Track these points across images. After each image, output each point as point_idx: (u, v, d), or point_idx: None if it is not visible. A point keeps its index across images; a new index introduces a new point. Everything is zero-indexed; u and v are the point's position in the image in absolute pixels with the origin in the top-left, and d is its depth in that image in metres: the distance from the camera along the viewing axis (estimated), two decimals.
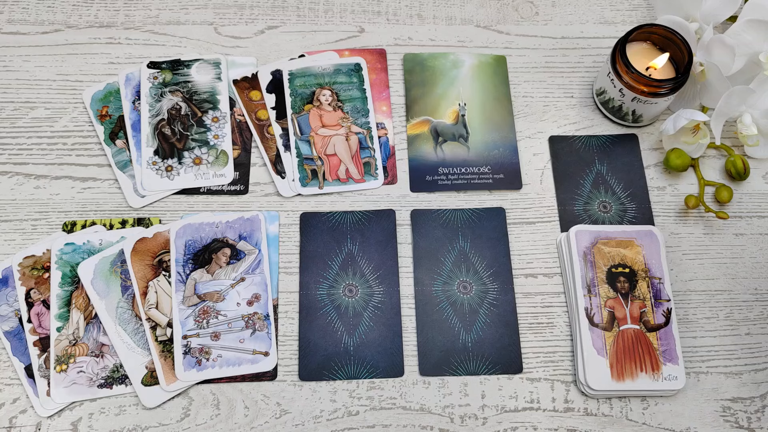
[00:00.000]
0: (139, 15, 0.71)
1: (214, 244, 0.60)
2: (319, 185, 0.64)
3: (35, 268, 0.59)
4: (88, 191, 0.63)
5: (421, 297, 0.60)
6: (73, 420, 0.55)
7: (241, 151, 0.65)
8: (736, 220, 0.64)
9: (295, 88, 0.67)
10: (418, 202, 0.64)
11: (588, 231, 0.60)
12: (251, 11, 0.72)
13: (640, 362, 0.56)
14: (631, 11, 0.73)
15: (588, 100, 0.69)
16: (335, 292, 0.60)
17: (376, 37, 0.71)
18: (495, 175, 0.65)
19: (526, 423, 0.56)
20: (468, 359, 0.58)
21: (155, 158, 0.64)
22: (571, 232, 0.60)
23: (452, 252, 0.61)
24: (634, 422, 0.56)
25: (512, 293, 0.60)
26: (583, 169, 0.65)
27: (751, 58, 0.63)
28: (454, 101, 0.68)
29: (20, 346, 0.57)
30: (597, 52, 0.71)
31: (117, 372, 0.56)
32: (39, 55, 0.69)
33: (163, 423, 0.55)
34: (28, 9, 0.71)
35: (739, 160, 0.64)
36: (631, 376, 0.56)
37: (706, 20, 0.64)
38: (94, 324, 0.58)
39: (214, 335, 0.57)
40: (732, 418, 0.57)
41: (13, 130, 0.66)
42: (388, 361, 0.58)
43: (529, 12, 0.73)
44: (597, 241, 0.59)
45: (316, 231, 0.62)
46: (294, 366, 0.58)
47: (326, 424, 0.56)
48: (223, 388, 0.57)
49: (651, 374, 0.56)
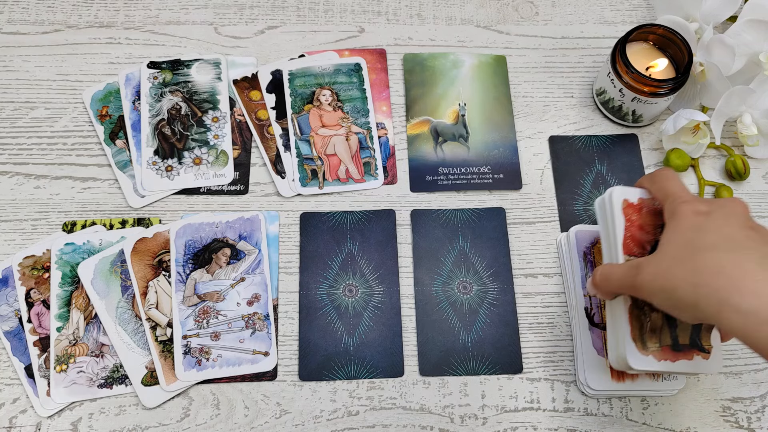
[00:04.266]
0: (139, 15, 0.71)
1: (214, 244, 0.60)
2: (319, 185, 0.64)
3: (35, 268, 0.59)
4: (88, 191, 0.63)
5: (421, 297, 0.60)
6: (73, 420, 0.55)
7: (241, 151, 0.65)
8: None
9: (295, 88, 0.67)
10: (418, 202, 0.64)
11: (588, 231, 0.60)
12: (251, 11, 0.72)
13: None
14: (631, 11, 0.73)
15: (588, 100, 0.69)
16: (335, 292, 0.60)
17: (376, 37, 0.71)
18: (495, 175, 0.65)
19: (526, 423, 0.56)
20: (468, 359, 0.58)
21: (155, 158, 0.64)
22: (571, 232, 0.60)
23: (452, 252, 0.61)
24: (634, 422, 0.56)
25: (512, 293, 0.60)
26: (583, 169, 0.65)
27: (751, 58, 0.63)
28: (454, 101, 0.68)
29: (20, 346, 0.57)
30: (597, 52, 0.71)
31: (117, 372, 0.57)
32: (39, 55, 0.69)
33: (163, 423, 0.55)
34: (28, 9, 0.71)
35: (739, 160, 0.64)
36: (631, 377, 0.56)
37: (706, 20, 0.64)
38: (94, 324, 0.58)
39: (214, 335, 0.57)
40: (732, 418, 0.57)
41: (13, 130, 0.66)
42: (388, 361, 0.58)
43: (529, 12, 0.73)
44: (597, 241, 0.59)
45: (316, 231, 0.62)
46: (294, 366, 0.58)
47: (326, 424, 0.56)
48: (223, 388, 0.57)
49: (651, 374, 0.56)
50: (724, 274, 0.42)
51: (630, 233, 0.51)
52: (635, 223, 0.51)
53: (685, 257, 0.44)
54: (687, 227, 0.46)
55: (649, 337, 0.51)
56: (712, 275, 0.42)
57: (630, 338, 0.50)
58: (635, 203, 0.52)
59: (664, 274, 0.45)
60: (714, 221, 0.45)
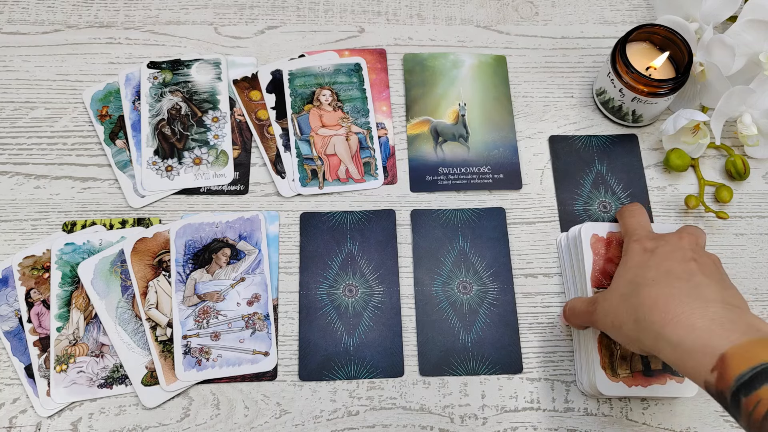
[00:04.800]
0: (139, 15, 0.71)
1: (214, 244, 0.60)
2: (319, 185, 0.64)
3: (35, 268, 0.59)
4: (88, 191, 0.63)
5: (421, 297, 0.60)
6: (73, 420, 0.55)
7: (241, 151, 0.65)
8: (736, 220, 0.64)
9: (295, 88, 0.67)
10: (418, 202, 0.64)
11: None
12: (251, 11, 0.72)
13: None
14: (631, 11, 0.73)
15: (588, 100, 0.69)
16: (335, 292, 0.60)
17: (376, 37, 0.71)
18: (495, 175, 0.65)
19: (526, 423, 0.56)
20: (468, 359, 0.58)
21: (155, 158, 0.64)
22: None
23: (452, 252, 0.61)
24: (634, 422, 0.56)
25: (512, 293, 0.60)
26: (583, 169, 0.65)
27: (751, 58, 0.63)
28: (454, 101, 0.68)
29: (20, 346, 0.57)
30: (597, 52, 0.71)
31: (117, 372, 0.57)
32: (39, 55, 0.69)
33: (163, 423, 0.55)
34: (28, 9, 0.71)
35: (739, 160, 0.64)
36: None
37: (706, 20, 0.64)
38: (94, 324, 0.58)
39: (214, 335, 0.57)
40: (732, 418, 0.56)
41: (13, 130, 0.66)
42: (388, 361, 0.58)
43: (529, 12, 0.73)
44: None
45: (316, 231, 0.62)
46: (294, 366, 0.58)
47: (326, 424, 0.56)
48: (223, 388, 0.57)
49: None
50: (657, 308, 0.44)
51: (598, 266, 0.54)
52: (603, 256, 0.54)
53: (629, 294, 0.47)
54: (634, 264, 0.48)
55: (620, 365, 0.53)
56: (649, 310, 0.44)
57: (600, 366, 0.53)
58: (604, 237, 0.55)
59: (614, 311, 0.47)
60: (656, 258, 0.48)
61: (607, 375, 0.53)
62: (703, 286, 0.44)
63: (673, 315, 0.43)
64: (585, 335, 0.55)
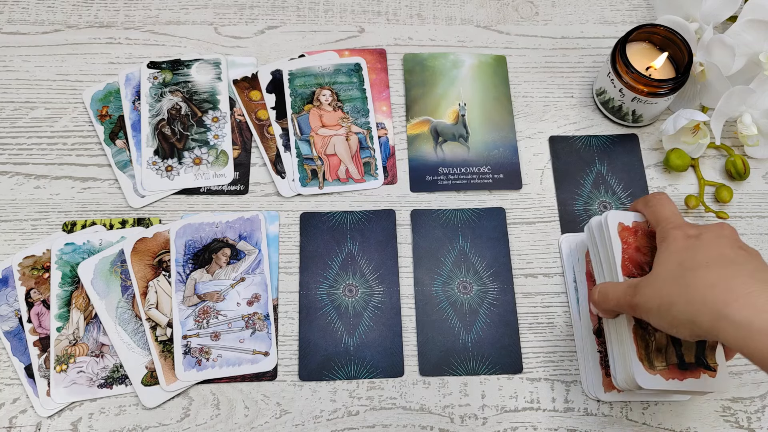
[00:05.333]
0: (139, 15, 0.71)
1: (214, 244, 0.60)
2: (319, 185, 0.64)
3: (35, 268, 0.59)
4: (88, 191, 0.63)
5: (421, 297, 0.60)
6: (73, 420, 0.55)
7: (241, 151, 0.65)
8: (736, 220, 0.64)
9: (295, 88, 0.67)
10: (418, 202, 0.64)
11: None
12: (251, 11, 0.72)
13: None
14: (631, 11, 0.73)
15: (588, 100, 0.69)
16: (335, 292, 0.60)
17: (376, 37, 0.71)
18: (495, 175, 0.65)
19: (526, 423, 0.56)
20: (468, 359, 0.58)
21: (155, 158, 0.64)
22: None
23: (452, 252, 0.61)
24: (634, 422, 0.56)
25: (512, 293, 0.60)
26: (583, 169, 0.65)
27: (751, 58, 0.63)
28: (454, 101, 0.68)
29: (20, 346, 0.57)
30: (597, 52, 0.71)
31: (117, 372, 0.57)
32: (39, 55, 0.69)
33: (163, 423, 0.55)
34: (28, 9, 0.71)
35: (739, 160, 0.64)
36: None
37: (706, 20, 0.64)
38: (94, 324, 0.58)
39: (214, 335, 0.57)
40: (732, 418, 0.57)
41: (13, 130, 0.66)
42: (388, 361, 0.58)
43: (529, 12, 0.73)
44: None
45: (316, 231, 0.62)
46: (294, 366, 0.58)
47: (326, 424, 0.56)
48: (223, 388, 0.57)
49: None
50: (718, 287, 0.43)
51: (627, 255, 0.52)
52: (632, 245, 0.53)
53: (679, 276, 0.46)
54: (679, 249, 0.47)
55: (656, 356, 0.51)
56: (706, 290, 0.43)
57: (637, 358, 0.50)
58: (630, 226, 0.53)
59: (660, 293, 0.46)
60: (705, 242, 0.47)
61: (645, 367, 0.50)
62: (761, 271, 0.44)
63: (738, 294, 0.42)
64: (618, 327, 0.53)
